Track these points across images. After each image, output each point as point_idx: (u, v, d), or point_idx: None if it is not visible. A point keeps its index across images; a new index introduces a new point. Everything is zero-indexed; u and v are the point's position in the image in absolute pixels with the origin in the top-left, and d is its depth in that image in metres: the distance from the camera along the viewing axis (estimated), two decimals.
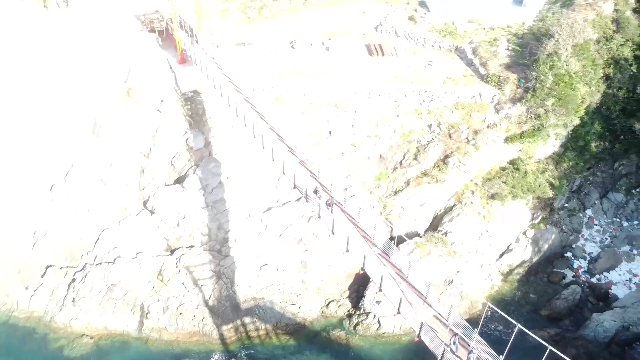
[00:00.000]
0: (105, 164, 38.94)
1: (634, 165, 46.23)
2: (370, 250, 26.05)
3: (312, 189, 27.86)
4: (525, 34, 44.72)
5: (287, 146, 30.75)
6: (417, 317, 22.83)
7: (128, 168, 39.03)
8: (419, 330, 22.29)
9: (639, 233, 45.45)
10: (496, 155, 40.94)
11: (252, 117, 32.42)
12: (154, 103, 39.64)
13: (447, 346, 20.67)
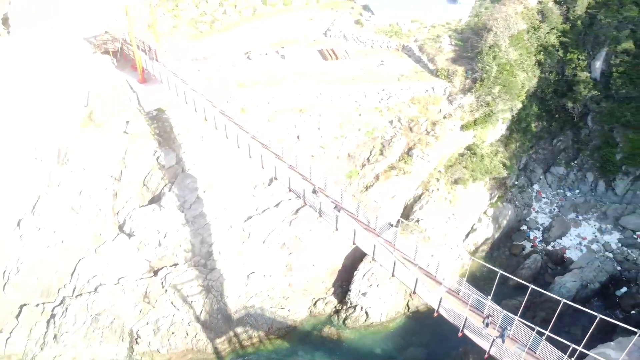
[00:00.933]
0: (74, 192, 37.83)
1: (570, 140, 51.11)
2: (375, 239, 27.52)
3: (308, 191, 28.94)
4: (464, 30, 48.37)
5: (273, 153, 31.61)
6: (436, 293, 24.41)
7: (99, 193, 38.14)
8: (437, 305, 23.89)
9: (581, 200, 50.35)
10: (454, 143, 44.00)
11: (233, 128, 32.98)
12: (118, 125, 39.02)
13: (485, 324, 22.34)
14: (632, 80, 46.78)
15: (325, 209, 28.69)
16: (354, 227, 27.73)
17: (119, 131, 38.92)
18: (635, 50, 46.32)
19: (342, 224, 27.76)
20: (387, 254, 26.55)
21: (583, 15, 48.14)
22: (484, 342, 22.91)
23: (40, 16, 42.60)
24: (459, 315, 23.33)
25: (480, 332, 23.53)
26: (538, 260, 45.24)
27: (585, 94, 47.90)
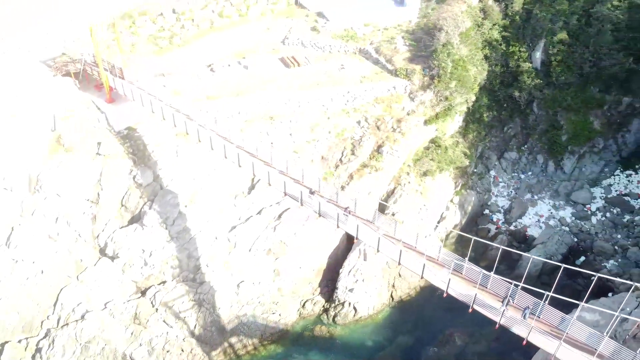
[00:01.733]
0: (50, 220, 36.66)
1: (519, 126, 55.00)
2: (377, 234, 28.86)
3: (305, 193, 29.88)
4: (415, 30, 51.00)
5: (262, 161, 32.25)
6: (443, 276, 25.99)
7: (77, 218, 37.18)
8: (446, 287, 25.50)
9: (534, 181, 54.29)
10: (419, 137, 46.37)
11: (218, 140, 33.30)
12: (90, 147, 38.22)
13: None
14: (569, 67, 51.24)
15: (325, 209, 29.68)
16: (357, 223, 28.91)
17: (92, 153, 38.10)
18: (569, 40, 50.75)
19: (349, 223, 28.85)
20: (390, 244, 28.04)
21: (520, 11, 52.01)
22: (494, 315, 24.52)
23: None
24: (468, 294, 24.99)
25: (486, 304, 25.26)
26: (504, 241, 48.42)
27: (529, 83, 51.79)
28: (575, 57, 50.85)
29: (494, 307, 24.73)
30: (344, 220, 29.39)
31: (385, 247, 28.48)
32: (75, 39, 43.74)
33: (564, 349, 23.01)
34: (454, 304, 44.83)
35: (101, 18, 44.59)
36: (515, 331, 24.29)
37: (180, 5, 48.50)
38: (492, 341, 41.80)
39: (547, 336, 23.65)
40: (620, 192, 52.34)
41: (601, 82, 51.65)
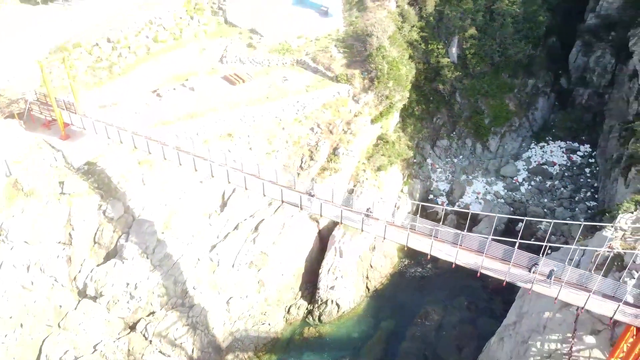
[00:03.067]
0: (21, 270, 34.57)
1: (445, 116, 60.55)
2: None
3: (305, 197, 31.35)
4: (345, 38, 54.30)
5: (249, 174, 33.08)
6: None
7: (51, 263, 35.39)
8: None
9: (466, 163, 60.05)
10: (368, 136, 49.65)
11: (203, 163, 33.60)
12: (52, 188, 36.53)
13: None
14: (482, 58, 57.58)
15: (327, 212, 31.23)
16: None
17: (55, 194, 36.45)
18: (478, 35, 57.07)
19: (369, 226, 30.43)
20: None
21: (433, 12, 57.56)
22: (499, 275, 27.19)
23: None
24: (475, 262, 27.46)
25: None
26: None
27: (450, 76, 57.42)
28: (486, 49, 57.28)
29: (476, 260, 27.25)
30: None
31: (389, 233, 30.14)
32: (10, 78, 41.36)
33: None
34: (423, 285, 48.85)
35: (33, 54, 42.58)
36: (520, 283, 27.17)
37: (114, 34, 47.53)
38: (464, 310, 46.06)
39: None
40: (539, 163, 59.69)
41: (510, 68, 58.72)
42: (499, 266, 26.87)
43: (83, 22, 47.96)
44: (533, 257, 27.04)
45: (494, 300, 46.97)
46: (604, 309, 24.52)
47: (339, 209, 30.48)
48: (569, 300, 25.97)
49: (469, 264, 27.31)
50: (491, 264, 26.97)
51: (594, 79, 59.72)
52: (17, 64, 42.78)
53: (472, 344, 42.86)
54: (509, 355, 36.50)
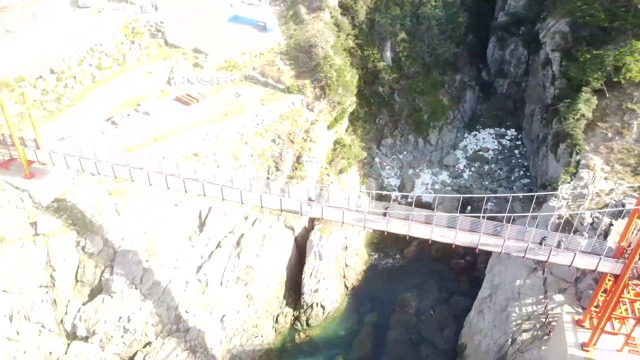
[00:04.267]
0: (4, 320, 32.38)
1: (387, 116, 64.26)
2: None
3: (305, 203, 32.53)
4: (289, 51, 56.06)
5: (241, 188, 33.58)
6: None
7: (36, 309, 33.46)
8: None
9: (411, 158, 64.13)
10: (326, 141, 51.70)
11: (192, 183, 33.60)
12: (25, 230, 34.58)
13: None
14: (414, 59, 62.03)
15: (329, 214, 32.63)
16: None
17: (29, 236, 34.52)
18: (409, 38, 61.46)
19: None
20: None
21: (365, 20, 61.08)
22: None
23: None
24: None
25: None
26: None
27: (387, 78, 61.20)
28: (417, 51, 61.81)
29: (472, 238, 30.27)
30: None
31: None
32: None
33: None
34: (395, 275, 51.48)
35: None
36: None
37: (57, 65, 45.55)
38: (436, 293, 49.40)
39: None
40: (475, 150, 65.25)
41: (439, 67, 63.77)
42: (495, 241, 29.73)
43: (22, 55, 45.49)
44: (540, 231, 30.15)
45: (460, 280, 50.83)
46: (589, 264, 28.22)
47: (340, 210, 31.95)
48: (578, 265, 28.85)
49: (466, 242, 30.12)
50: (487, 239, 29.84)
51: (511, 70, 66.50)
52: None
53: (451, 322, 46.22)
54: (491, 324, 40.08)
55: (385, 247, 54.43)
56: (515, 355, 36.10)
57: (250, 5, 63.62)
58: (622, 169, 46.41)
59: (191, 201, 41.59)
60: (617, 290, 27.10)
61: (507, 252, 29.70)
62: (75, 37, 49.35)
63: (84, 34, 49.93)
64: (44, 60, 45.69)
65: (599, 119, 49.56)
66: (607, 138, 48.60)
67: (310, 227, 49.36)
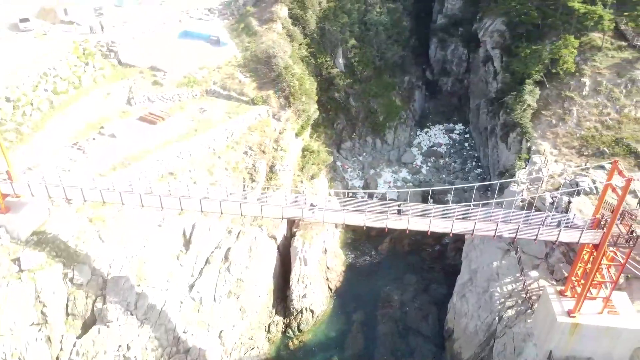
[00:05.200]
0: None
1: (344, 120, 66.19)
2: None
3: (307, 209, 33.23)
4: (247, 63, 56.47)
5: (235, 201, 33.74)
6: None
7: (30, 349, 31.68)
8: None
9: (370, 159, 66.47)
10: (296, 149, 52.64)
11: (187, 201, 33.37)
12: (7, 267, 32.72)
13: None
14: (366, 64, 64.51)
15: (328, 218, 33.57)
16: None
17: (13, 272, 32.70)
18: (359, 44, 63.85)
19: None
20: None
21: (315, 29, 62.76)
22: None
23: None
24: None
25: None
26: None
27: (342, 83, 63.25)
28: (367, 55, 64.34)
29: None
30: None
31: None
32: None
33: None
34: (373, 271, 53.24)
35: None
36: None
37: (11, 92, 43.20)
38: (415, 284, 51.65)
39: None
40: (428, 146, 68.69)
41: (389, 69, 66.69)
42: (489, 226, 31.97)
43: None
44: (539, 214, 32.82)
45: (435, 269, 53.49)
46: (573, 237, 31.13)
47: (342, 213, 33.03)
48: (563, 239, 31.61)
49: (461, 230, 32.24)
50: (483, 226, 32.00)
51: (453, 69, 70.78)
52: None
53: (433, 310, 48.58)
54: (476, 306, 42.69)
55: (360, 246, 56.13)
56: (504, 331, 38.80)
57: (200, 20, 63.43)
58: (568, 151, 51.06)
59: (174, 220, 41.10)
60: (599, 256, 30.23)
61: (500, 235, 32.05)
62: (25, 62, 46.95)
63: (34, 59, 47.62)
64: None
65: (542, 108, 54.22)
66: (551, 124, 53.25)
67: (289, 234, 50.08)
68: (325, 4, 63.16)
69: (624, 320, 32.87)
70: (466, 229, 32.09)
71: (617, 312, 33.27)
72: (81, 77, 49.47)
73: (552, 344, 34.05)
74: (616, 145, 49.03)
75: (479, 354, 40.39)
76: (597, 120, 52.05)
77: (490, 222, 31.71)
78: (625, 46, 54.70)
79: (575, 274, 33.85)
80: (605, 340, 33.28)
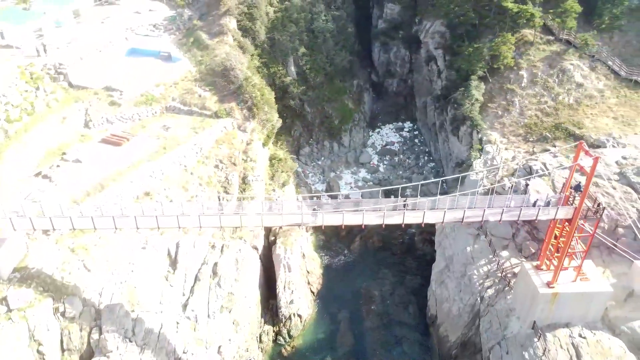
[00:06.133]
0: None
1: (301, 127, 67.41)
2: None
3: (307, 215, 33.93)
4: (203, 77, 56.09)
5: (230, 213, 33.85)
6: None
7: None
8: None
9: (329, 163, 68.15)
10: (264, 158, 53.13)
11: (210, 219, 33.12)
12: None
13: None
14: (317, 71, 66.19)
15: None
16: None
17: (1, 314, 30.87)
18: (309, 52, 65.38)
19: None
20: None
21: (265, 40, 63.53)
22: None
23: None
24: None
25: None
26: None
27: (296, 91, 64.45)
28: (318, 62, 66.04)
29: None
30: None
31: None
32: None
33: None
34: (349, 269, 54.88)
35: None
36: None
37: None
38: (391, 277, 53.84)
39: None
40: (382, 145, 71.49)
41: (339, 74, 68.75)
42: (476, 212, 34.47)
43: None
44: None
45: (406, 261, 56.04)
46: (549, 214, 34.34)
47: (341, 215, 34.18)
48: (542, 217, 34.79)
49: (452, 219, 34.50)
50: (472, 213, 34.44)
51: (397, 70, 74.21)
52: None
53: (413, 299, 50.98)
54: (456, 290, 45.42)
55: (332, 247, 57.56)
56: (488, 309, 41.69)
57: (147, 37, 62.10)
58: (516, 139, 55.55)
59: (157, 241, 40.41)
60: (572, 229, 33.63)
61: (486, 219, 34.67)
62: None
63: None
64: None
65: (488, 101, 58.56)
66: (498, 115, 57.66)
67: (266, 243, 50.47)
68: (272, 15, 64.11)
69: (594, 285, 36.67)
70: (455, 217, 34.42)
71: (588, 279, 37.02)
72: (33, 103, 47.00)
73: (535, 314, 37.22)
74: (556, 129, 53.99)
75: (466, 334, 43.06)
76: (537, 108, 57.05)
77: (478, 209, 34.23)
78: (552, 40, 60.32)
79: (548, 249, 37.23)
80: (580, 305, 36.89)
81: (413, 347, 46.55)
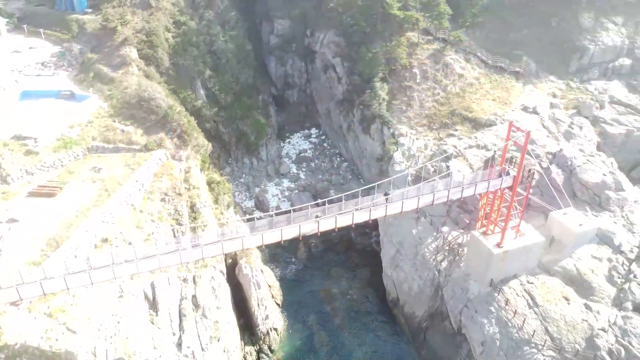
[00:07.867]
0: None
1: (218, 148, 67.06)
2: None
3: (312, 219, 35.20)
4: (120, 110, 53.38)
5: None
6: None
7: None
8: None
9: (251, 178, 69.23)
10: (204, 184, 52.60)
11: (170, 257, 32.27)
12: None
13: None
14: (226, 91, 66.77)
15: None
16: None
17: None
18: (214, 73, 65.70)
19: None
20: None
21: (169, 66, 62.37)
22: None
23: None
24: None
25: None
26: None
27: (209, 113, 64.40)
28: (225, 82, 66.66)
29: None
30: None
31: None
32: None
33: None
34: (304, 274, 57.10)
35: None
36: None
37: None
38: (344, 273, 57.18)
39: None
40: (296, 154, 74.38)
41: (246, 91, 69.95)
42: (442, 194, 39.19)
43: None
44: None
45: (352, 255, 59.95)
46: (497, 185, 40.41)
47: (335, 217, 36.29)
48: (491, 188, 40.41)
49: (422, 204, 38.77)
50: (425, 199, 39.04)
51: (296, 81, 77.70)
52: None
53: (370, 289, 54.92)
54: (412, 269, 50.28)
55: (279, 259, 59.02)
56: (447, 280, 47.20)
57: (39, 77, 57.05)
58: (422, 129, 62.69)
59: (131, 287, 38.55)
60: (513, 195, 40.24)
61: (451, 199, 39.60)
62: None
63: None
64: None
65: (391, 99, 64.97)
66: (402, 111, 64.36)
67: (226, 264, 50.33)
68: (172, 40, 63.16)
69: (531, 238, 44.03)
70: (425, 202, 38.86)
71: (524, 234, 44.30)
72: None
73: (492, 273, 43.47)
74: (453, 116, 62.17)
75: (432, 305, 48.12)
76: (432, 100, 64.86)
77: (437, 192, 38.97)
78: (432, 39, 68.81)
79: (491, 215, 43.69)
80: (522, 257, 43.99)
81: (383, 330, 50.41)
